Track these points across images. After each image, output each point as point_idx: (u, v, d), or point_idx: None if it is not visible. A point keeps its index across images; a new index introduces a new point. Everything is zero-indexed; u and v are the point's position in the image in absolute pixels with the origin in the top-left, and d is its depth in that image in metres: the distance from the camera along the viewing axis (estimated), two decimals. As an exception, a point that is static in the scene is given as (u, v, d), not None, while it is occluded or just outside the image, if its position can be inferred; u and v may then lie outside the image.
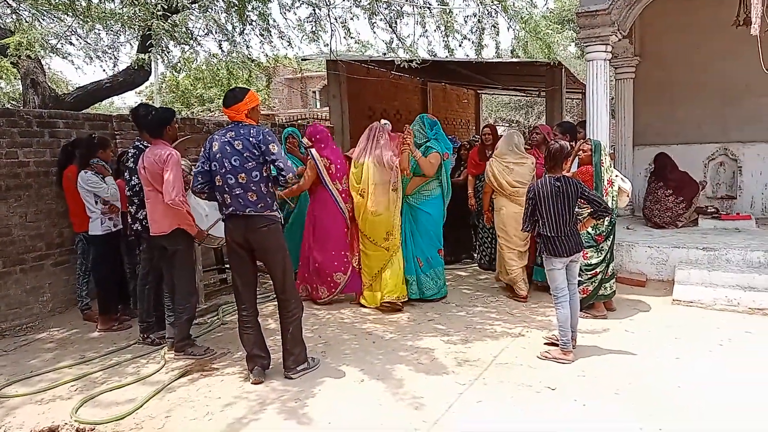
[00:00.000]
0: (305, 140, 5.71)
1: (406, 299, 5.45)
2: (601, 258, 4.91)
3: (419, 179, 5.53)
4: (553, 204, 4.07)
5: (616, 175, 4.96)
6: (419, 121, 5.65)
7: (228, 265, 5.67)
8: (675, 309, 5.24)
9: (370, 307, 5.46)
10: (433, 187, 5.61)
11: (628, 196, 5.03)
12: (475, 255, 7.30)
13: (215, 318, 5.36)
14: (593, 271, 4.90)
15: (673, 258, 5.92)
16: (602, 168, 4.83)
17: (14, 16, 7.67)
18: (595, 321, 4.90)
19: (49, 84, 8.00)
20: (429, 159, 5.43)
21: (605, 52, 6.05)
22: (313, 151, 5.51)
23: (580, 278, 4.82)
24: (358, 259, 5.62)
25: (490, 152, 6.81)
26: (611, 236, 4.96)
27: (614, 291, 5.11)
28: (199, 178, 3.85)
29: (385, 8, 7.05)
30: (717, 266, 5.63)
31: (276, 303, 4.08)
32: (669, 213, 6.93)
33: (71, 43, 7.67)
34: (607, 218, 4.76)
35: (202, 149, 3.89)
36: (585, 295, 4.92)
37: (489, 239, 6.56)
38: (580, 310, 4.89)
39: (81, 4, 5.66)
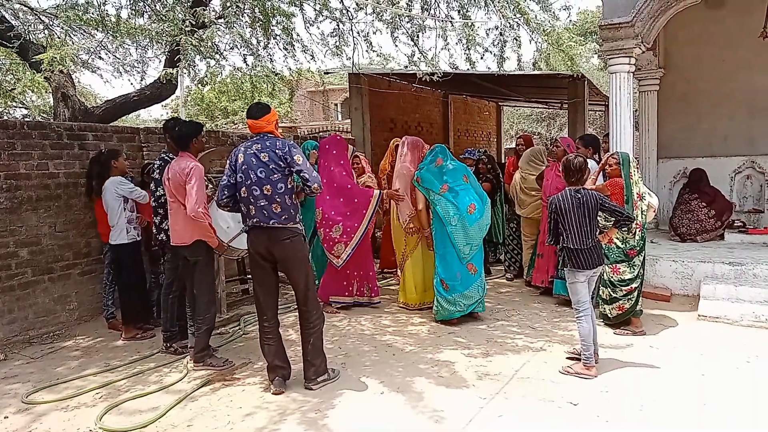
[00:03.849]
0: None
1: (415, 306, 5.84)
2: (636, 273, 4.83)
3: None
4: (575, 216, 4.09)
5: (646, 192, 4.91)
6: None
7: (250, 276, 5.74)
8: (700, 324, 5.14)
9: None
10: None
11: (654, 211, 4.97)
12: (503, 268, 7.39)
13: (237, 328, 5.41)
14: (628, 287, 4.82)
15: (699, 272, 5.82)
16: (632, 181, 4.77)
17: (47, 32, 7.92)
18: (618, 336, 4.83)
19: (79, 97, 8.20)
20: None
21: (629, 64, 6.00)
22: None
23: (615, 295, 4.80)
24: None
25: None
26: (643, 251, 4.89)
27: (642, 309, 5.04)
28: (225, 191, 3.91)
29: (407, 22, 7.11)
30: (744, 281, 5.52)
31: (297, 314, 4.11)
32: (698, 225, 6.82)
33: (101, 58, 7.88)
34: (637, 232, 4.72)
35: (228, 161, 3.96)
36: (621, 312, 4.87)
37: (518, 250, 7.03)
38: (617, 327, 4.89)
39: (111, 21, 5.81)
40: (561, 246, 4.20)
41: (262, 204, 3.79)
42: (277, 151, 3.78)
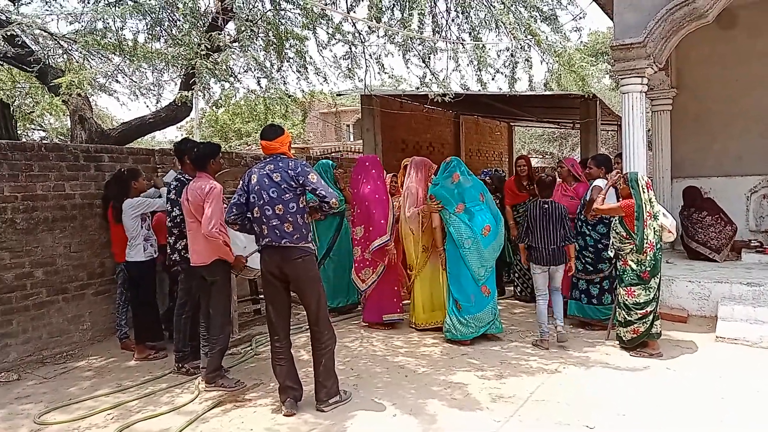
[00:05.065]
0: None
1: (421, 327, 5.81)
2: (651, 296, 4.77)
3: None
4: (540, 222, 5.14)
5: (659, 211, 4.85)
6: None
7: (262, 296, 5.75)
8: (718, 346, 5.05)
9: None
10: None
11: (670, 232, 4.90)
12: (513, 289, 7.25)
13: (248, 348, 5.39)
14: (643, 311, 4.75)
15: (716, 293, 5.73)
16: (642, 200, 4.74)
17: (66, 57, 8.08)
18: (636, 359, 4.75)
19: (96, 120, 8.33)
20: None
21: (641, 84, 6.00)
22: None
23: (629, 318, 4.80)
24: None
25: (526, 182, 6.85)
26: (658, 273, 4.83)
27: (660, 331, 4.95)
28: (234, 210, 3.95)
29: (419, 44, 7.17)
30: (762, 302, 5.42)
31: (309, 334, 4.10)
32: (723, 235, 6.78)
33: (118, 81, 8.02)
34: (649, 252, 4.67)
35: (241, 182, 4.00)
36: (636, 335, 4.81)
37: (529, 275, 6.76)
38: (633, 350, 4.86)
39: (128, 45, 5.92)
40: (527, 244, 5.24)
41: (274, 223, 3.81)
42: (289, 171, 3.82)
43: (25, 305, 5.22)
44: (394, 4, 6.81)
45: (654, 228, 4.74)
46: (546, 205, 5.17)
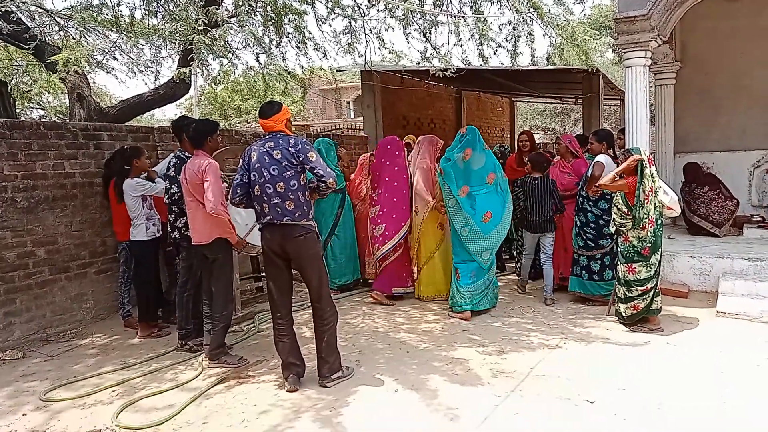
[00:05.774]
0: None
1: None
2: (652, 273, 4.76)
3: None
4: (532, 195, 5.75)
5: (659, 187, 4.82)
6: None
7: (264, 273, 5.77)
8: (719, 321, 5.06)
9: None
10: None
11: (670, 208, 4.87)
12: (514, 265, 7.24)
13: (251, 326, 5.43)
14: (643, 287, 4.75)
15: (717, 268, 5.73)
16: (642, 174, 4.71)
17: (62, 34, 7.99)
18: (636, 334, 4.77)
19: (94, 98, 8.27)
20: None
21: (644, 58, 5.92)
22: None
23: (630, 294, 4.81)
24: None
25: (527, 158, 6.81)
26: (659, 249, 4.82)
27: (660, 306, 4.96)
28: (238, 190, 3.92)
29: (420, 18, 7.07)
30: (764, 277, 5.42)
31: (311, 311, 4.12)
32: (725, 210, 6.78)
33: (115, 58, 7.95)
34: (649, 228, 4.66)
35: (241, 160, 3.97)
36: (635, 311, 4.82)
37: None
38: (632, 325, 4.90)
39: (125, 21, 5.85)
40: (521, 214, 5.99)
41: (276, 201, 3.79)
42: (290, 148, 3.79)
43: (27, 284, 5.24)
44: (394, -23, 6.70)
45: (655, 203, 4.72)
46: (536, 181, 5.75)
